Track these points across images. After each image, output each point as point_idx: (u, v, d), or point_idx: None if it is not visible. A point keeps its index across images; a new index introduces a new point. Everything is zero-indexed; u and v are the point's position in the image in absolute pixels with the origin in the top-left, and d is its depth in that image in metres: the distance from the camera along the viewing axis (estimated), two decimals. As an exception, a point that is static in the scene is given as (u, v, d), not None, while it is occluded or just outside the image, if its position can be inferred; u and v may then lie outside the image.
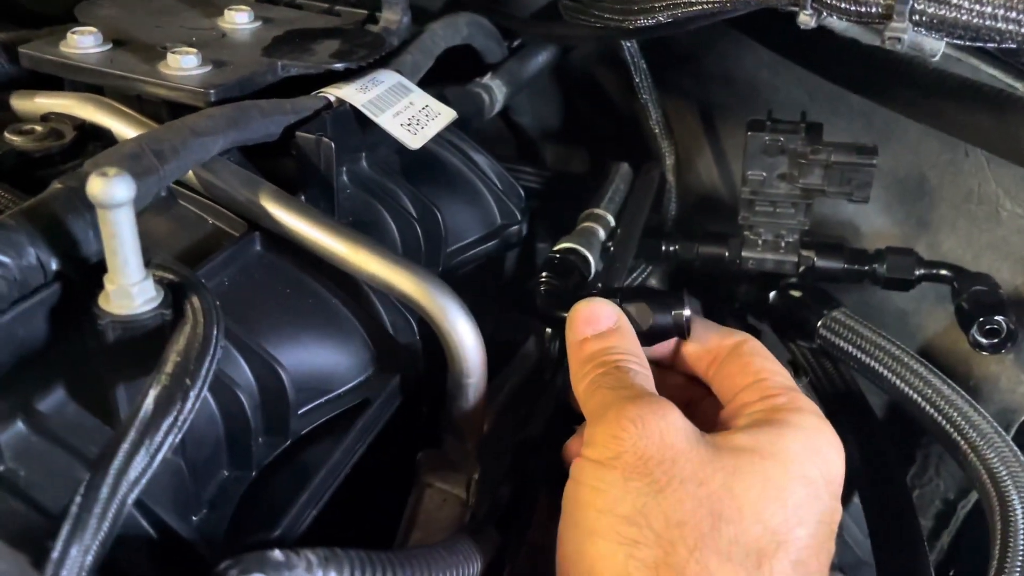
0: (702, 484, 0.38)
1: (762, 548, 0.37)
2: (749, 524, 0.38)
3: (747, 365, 0.45)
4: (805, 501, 0.39)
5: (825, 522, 0.39)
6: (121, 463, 0.30)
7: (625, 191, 0.77)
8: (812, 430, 0.41)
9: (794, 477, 0.39)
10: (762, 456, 0.39)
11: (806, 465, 0.40)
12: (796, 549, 0.38)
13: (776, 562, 0.37)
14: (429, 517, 0.49)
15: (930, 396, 0.60)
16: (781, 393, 0.43)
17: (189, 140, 0.44)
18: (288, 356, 0.46)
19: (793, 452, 0.40)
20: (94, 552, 0.28)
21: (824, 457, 0.40)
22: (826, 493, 0.40)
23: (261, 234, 0.49)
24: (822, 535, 0.39)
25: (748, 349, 0.46)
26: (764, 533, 0.38)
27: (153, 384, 0.33)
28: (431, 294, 0.47)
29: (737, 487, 0.38)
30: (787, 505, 0.38)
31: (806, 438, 0.40)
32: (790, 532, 0.38)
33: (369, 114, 0.55)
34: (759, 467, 0.39)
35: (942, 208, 0.72)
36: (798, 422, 0.41)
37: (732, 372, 0.45)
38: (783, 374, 0.45)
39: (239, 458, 0.44)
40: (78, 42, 0.53)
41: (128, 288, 0.36)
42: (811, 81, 0.73)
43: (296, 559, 0.32)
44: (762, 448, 0.39)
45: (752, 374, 0.44)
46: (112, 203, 0.34)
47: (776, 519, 0.38)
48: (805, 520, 0.38)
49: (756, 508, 0.38)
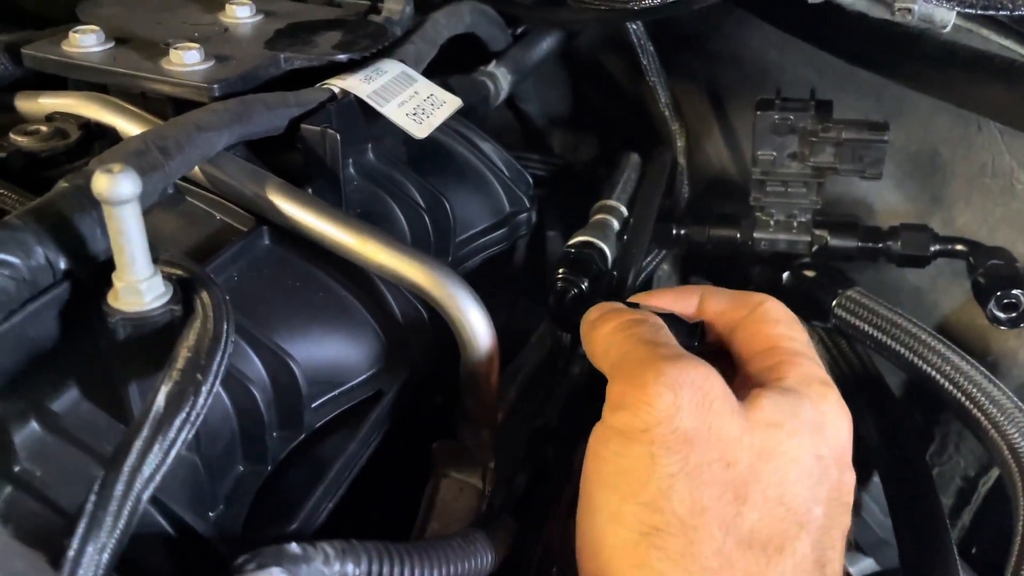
0: (729, 466, 0.36)
1: (784, 531, 0.36)
2: (772, 507, 0.37)
3: (761, 330, 0.43)
4: (818, 480, 0.38)
5: (834, 498, 0.38)
6: (135, 460, 0.30)
7: (636, 180, 0.77)
8: (819, 400, 0.39)
9: (810, 456, 0.38)
10: (787, 433, 0.38)
11: (817, 442, 0.38)
12: (814, 528, 0.37)
13: (798, 543, 0.36)
14: (446, 507, 0.49)
15: (949, 373, 0.59)
16: (793, 358, 0.41)
17: (194, 135, 0.44)
18: (299, 350, 0.45)
19: (807, 427, 0.38)
20: (110, 550, 0.28)
21: (834, 429, 0.39)
22: (835, 468, 0.39)
23: (269, 228, 0.49)
24: (834, 511, 0.38)
25: (763, 313, 0.43)
26: (786, 515, 0.37)
27: (164, 381, 0.33)
28: (441, 283, 0.47)
29: (763, 469, 0.37)
30: (805, 486, 0.37)
31: (815, 411, 0.39)
32: (809, 512, 0.37)
33: (374, 104, 0.55)
34: (784, 447, 0.38)
35: (956, 183, 0.72)
36: (807, 392, 0.39)
37: (747, 337, 0.43)
38: (799, 338, 0.43)
39: (254, 453, 0.43)
40: (80, 41, 0.53)
41: (137, 285, 0.35)
42: (820, 59, 0.72)
43: (313, 552, 0.32)
44: (786, 423, 0.38)
45: (767, 338, 0.42)
46: (118, 199, 0.33)
47: (796, 501, 0.37)
48: (819, 498, 0.38)
49: (779, 491, 0.37)
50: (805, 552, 0.36)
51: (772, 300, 0.44)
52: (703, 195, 0.83)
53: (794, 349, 0.42)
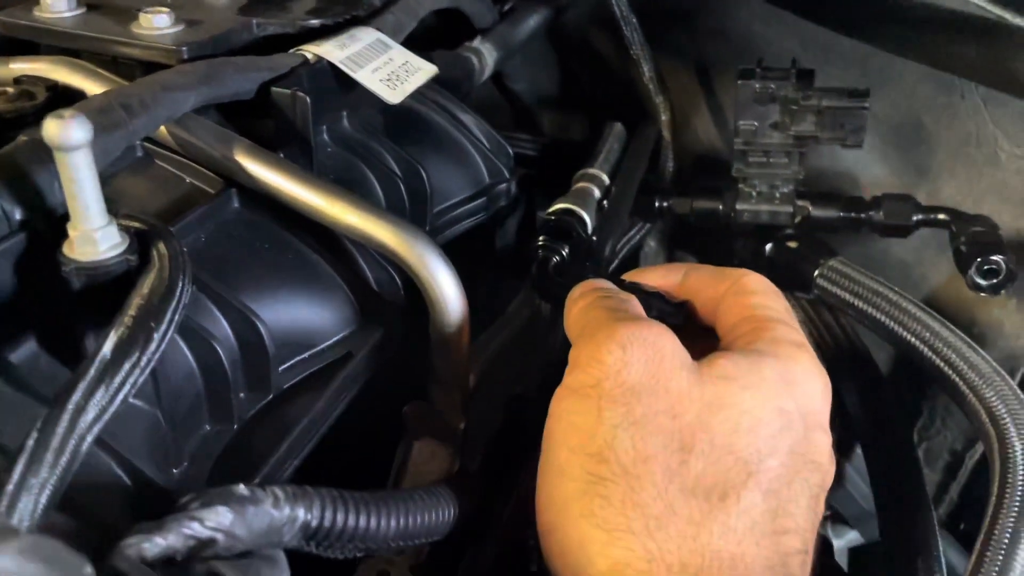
0: (676, 416, 0.37)
1: (731, 479, 0.36)
2: (719, 455, 0.37)
3: (739, 302, 0.43)
4: (778, 432, 0.38)
5: (798, 452, 0.38)
6: (80, 399, 0.30)
7: (620, 150, 0.76)
8: (788, 359, 0.39)
9: (769, 408, 0.38)
10: (741, 387, 0.38)
11: (781, 396, 0.38)
12: (767, 479, 0.37)
13: (745, 491, 0.36)
14: (417, 470, 0.49)
15: (929, 340, 0.59)
16: (766, 324, 0.41)
17: (159, 94, 0.44)
18: (268, 311, 0.45)
19: (770, 382, 0.38)
20: (51, 486, 0.28)
21: (802, 388, 0.39)
22: (801, 424, 0.39)
23: (238, 191, 0.49)
24: (795, 464, 0.38)
25: (741, 286, 0.44)
26: (735, 464, 0.37)
27: (116, 326, 0.33)
28: (409, 243, 0.46)
29: (712, 420, 0.37)
30: (759, 436, 0.37)
31: (783, 368, 0.39)
32: (761, 462, 0.37)
33: (347, 70, 0.54)
34: (737, 399, 0.38)
35: (940, 154, 0.71)
36: (775, 351, 0.39)
37: (726, 309, 0.44)
38: (774, 307, 0.43)
39: (220, 412, 0.43)
40: (52, 6, 0.53)
41: (91, 234, 0.35)
42: (804, 31, 0.72)
43: (263, 494, 0.32)
44: (741, 377, 0.38)
45: (743, 308, 0.43)
46: (68, 145, 0.33)
47: (748, 450, 0.37)
48: (777, 450, 0.37)
49: (728, 440, 0.37)
50: (754, 500, 0.36)
51: (751, 273, 0.45)
52: (689, 169, 0.82)
53: (768, 316, 0.42)
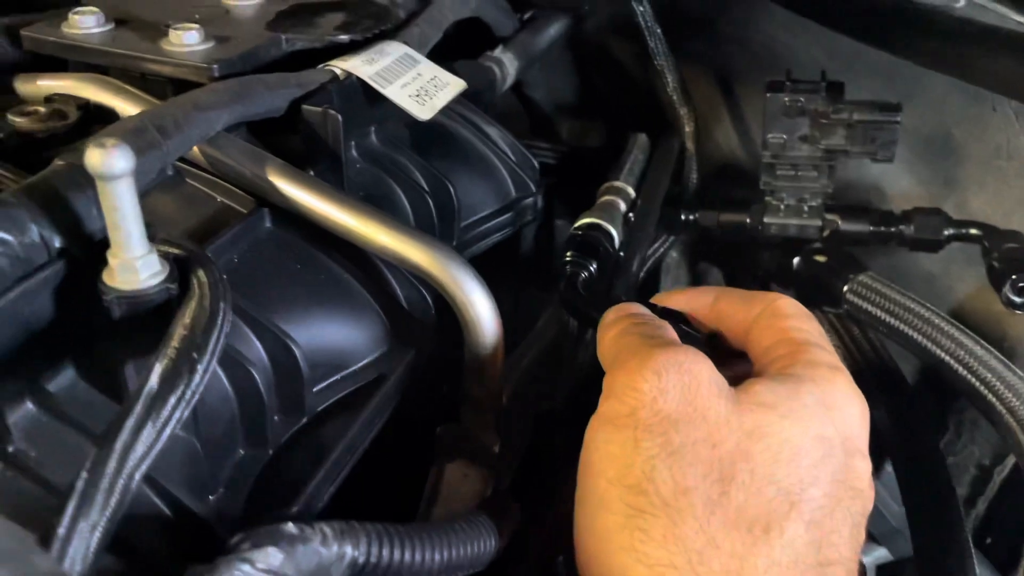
0: (715, 446, 0.36)
1: (773, 510, 0.35)
2: (761, 486, 0.36)
3: (772, 325, 0.43)
4: (819, 460, 0.37)
5: (840, 480, 0.37)
6: (128, 438, 0.29)
7: (644, 162, 0.76)
8: (826, 383, 0.38)
9: (810, 436, 0.37)
10: (781, 415, 0.37)
11: (822, 422, 0.37)
12: (810, 510, 0.36)
13: (788, 523, 0.35)
14: (450, 492, 0.48)
15: (963, 358, 0.58)
16: (802, 347, 0.40)
17: (192, 114, 0.43)
18: (301, 332, 0.45)
19: (809, 408, 0.37)
20: (102, 528, 0.27)
21: (841, 413, 0.38)
22: (841, 450, 0.38)
23: (270, 210, 0.48)
24: (837, 493, 0.37)
25: (774, 310, 0.43)
26: (777, 495, 0.36)
27: (159, 359, 0.33)
28: (445, 265, 0.46)
29: (753, 449, 0.36)
30: (801, 465, 0.36)
31: (822, 393, 0.38)
32: (803, 492, 0.36)
33: (376, 86, 0.54)
34: (777, 427, 0.37)
35: (969, 166, 0.70)
36: (813, 376, 0.39)
37: (760, 335, 0.43)
38: (809, 330, 0.42)
39: (255, 437, 0.43)
40: (80, 23, 0.52)
41: (132, 262, 0.35)
42: (829, 40, 0.71)
43: (311, 532, 0.31)
44: (780, 404, 0.37)
45: (777, 332, 0.42)
46: (111, 174, 0.33)
47: (790, 480, 0.36)
48: (819, 479, 0.37)
49: (770, 470, 0.36)
50: (798, 532, 0.35)
51: (784, 297, 0.44)
52: (712, 180, 0.82)
53: (802, 339, 0.41)
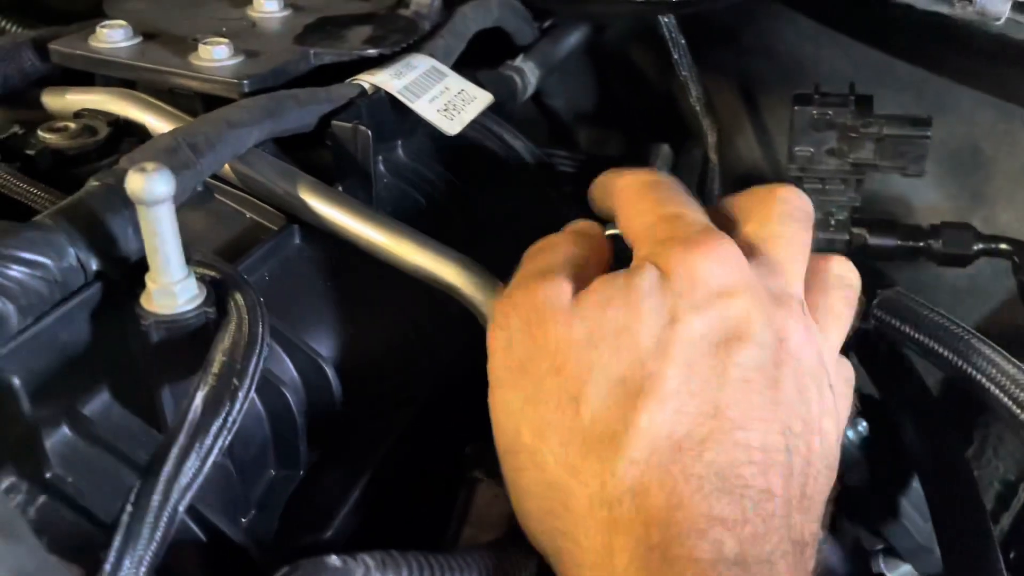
0: (560, 370, 0.35)
1: (622, 409, 0.33)
2: (606, 391, 0.33)
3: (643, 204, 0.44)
4: (661, 333, 0.34)
5: (696, 339, 0.34)
6: (172, 469, 0.29)
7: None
8: (665, 256, 0.36)
9: (646, 316, 0.34)
10: (616, 307, 0.35)
11: (660, 298, 0.34)
12: (661, 388, 0.33)
13: (639, 414, 0.32)
14: (480, 513, 0.48)
15: (992, 375, 0.57)
16: (657, 226, 0.39)
17: (225, 132, 0.43)
18: (332, 351, 0.45)
19: (645, 290, 0.35)
20: (147, 563, 0.27)
21: (679, 279, 0.35)
22: (690, 313, 0.34)
23: (300, 227, 0.48)
24: (698, 349, 0.33)
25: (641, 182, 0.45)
26: (623, 391, 0.33)
27: (200, 386, 0.32)
28: (476, 284, 0.45)
29: (592, 357, 0.34)
30: (641, 347, 0.33)
31: (660, 269, 0.36)
32: (649, 375, 0.33)
33: (405, 100, 0.54)
34: (612, 322, 0.34)
35: (998, 180, 0.70)
36: (657, 253, 0.37)
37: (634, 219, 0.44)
38: (668, 198, 0.42)
39: (287, 457, 0.43)
40: (108, 36, 0.52)
41: (171, 287, 0.35)
42: (857, 52, 0.71)
43: (354, 564, 0.31)
44: (615, 297, 0.35)
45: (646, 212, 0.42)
46: (152, 199, 0.32)
47: (632, 369, 0.33)
48: (667, 351, 0.33)
49: (611, 370, 0.33)
50: (654, 418, 0.32)
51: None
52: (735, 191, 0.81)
53: (659, 216, 0.40)
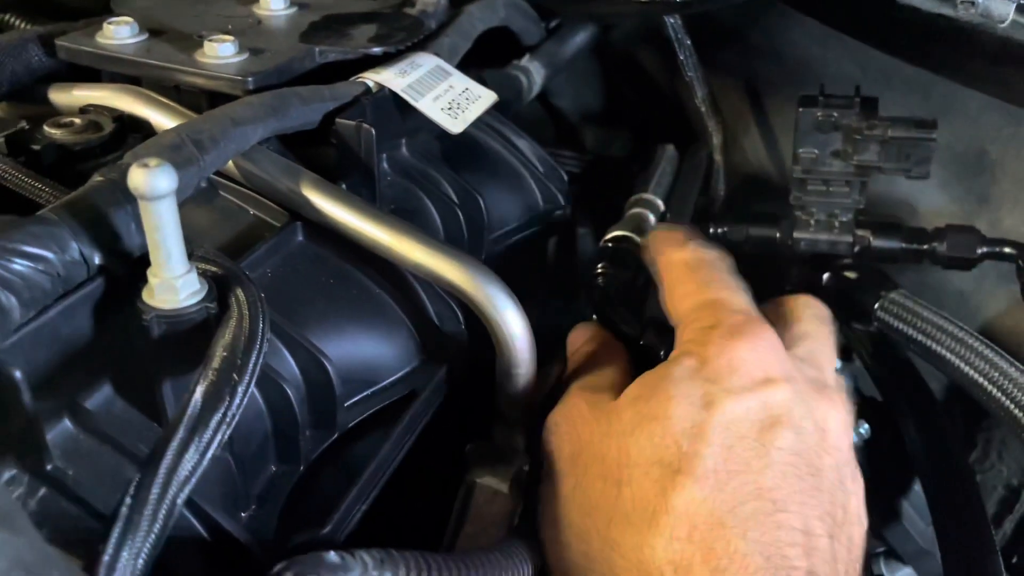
0: (603, 459, 0.39)
1: (660, 488, 0.36)
2: (644, 473, 0.37)
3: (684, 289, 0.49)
4: (696, 416, 0.38)
5: (731, 423, 0.38)
6: (171, 462, 0.29)
7: (672, 174, 0.75)
8: (702, 347, 0.41)
9: (680, 402, 0.38)
10: (648, 399, 0.39)
11: (691, 385, 0.39)
12: (700, 467, 0.37)
13: (676, 493, 0.36)
14: (479, 511, 0.48)
15: (996, 379, 0.57)
16: (699, 314, 0.45)
17: (229, 129, 0.43)
18: (333, 348, 0.45)
19: (679, 380, 0.39)
20: (146, 555, 0.27)
21: (714, 365, 0.40)
22: (724, 397, 0.38)
23: (303, 224, 0.48)
24: (735, 432, 0.37)
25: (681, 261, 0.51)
26: (660, 472, 0.37)
27: (200, 380, 0.32)
28: (478, 283, 0.46)
29: (629, 444, 0.38)
30: (674, 432, 0.37)
31: (697, 358, 0.40)
32: (684, 456, 0.37)
33: (409, 99, 0.54)
34: (647, 413, 0.39)
35: (1004, 183, 0.69)
36: (694, 345, 0.41)
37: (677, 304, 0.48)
38: (713, 280, 0.48)
39: (287, 452, 0.43)
40: (114, 33, 0.52)
41: (172, 282, 0.35)
42: (863, 54, 0.70)
43: (352, 561, 0.31)
44: (648, 391, 0.40)
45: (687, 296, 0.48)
46: (154, 195, 0.33)
47: (668, 451, 0.37)
48: (703, 433, 0.37)
49: (648, 454, 0.37)
50: (692, 495, 0.36)
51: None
52: (740, 193, 0.81)
53: (701, 302, 0.46)
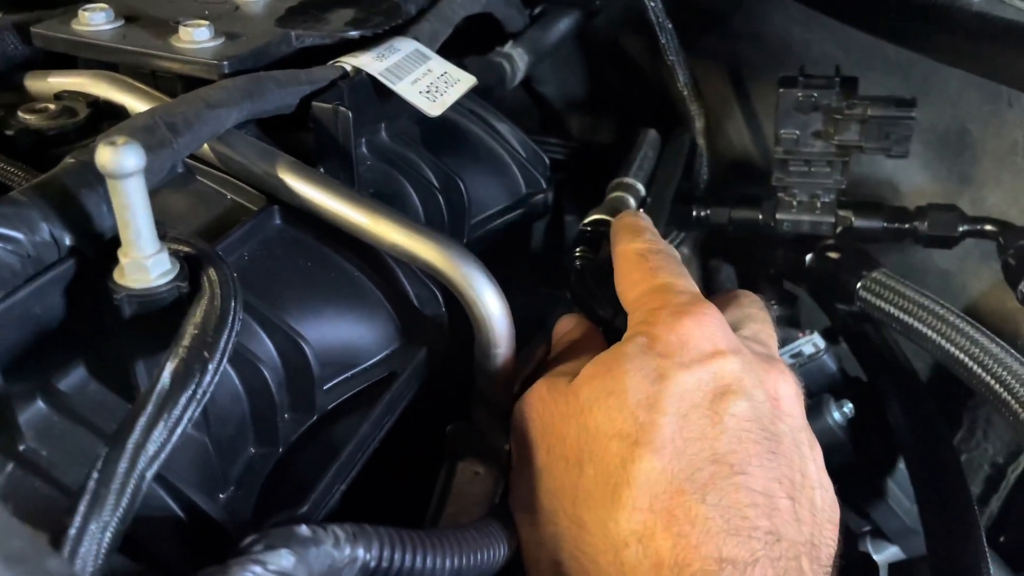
0: (564, 439, 0.39)
1: (622, 458, 0.36)
2: (603, 448, 0.37)
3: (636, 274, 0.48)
4: (650, 388, 0.38)
5: (683, 392, 0.38)
6: (139, 437, 0.29)
7: (654, 158, 0.75)
8: (650, 325, 0.41)
9: (633, 376, 0.38)
10: (602, 377, 0.39)
11: (643, 359, 0.39)
12: (659, 436, 0.36)
13: (637, 463, 0.36)
14: (460, 492, 0.48)
15: (977, 355, 0.57)
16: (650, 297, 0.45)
17: (203, 112, 0.43)
18: (311, 330, 0.45)
19: (631, 356, 0.40)
20: (113, 528, 0.27)
21: (662, 341, 0.40)
22: (677, 369, 0.38)
23: (280, 207, 0.48)
24: (690, 400, 0.37)
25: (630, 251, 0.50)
26: (619, 445, 0.37)
27: (170, 358, 0.32)
28: (454, 263, 0.46)
29: (588, 421, 0.38)
30: (629, 404, 0.37)
31: (646, 336, 0.41)
32: (643, 426, 0.37)
33: (387, 82, 0.54)
34: (601, 390, 0.39)
35: (985, 162, 0.69)
36: (646, 324, 0.42)
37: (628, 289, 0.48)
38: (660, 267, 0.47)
39: (265, 435, 0.43)
40: (90, 19, 0.52)
41: (142, 261, 0.35)
42: (844, 36, 0.70)
43: (324, 534, 0.31)
44: (602, 369, 0.40)
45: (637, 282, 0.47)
46: (122, 173, 0.33)
47: (626, 423, 0.37)
48: (658, 403, 0.37)
49: (607, 427, 0.37)
50: (651, 464, 0.36)
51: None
52: (723, 176, 0.81)
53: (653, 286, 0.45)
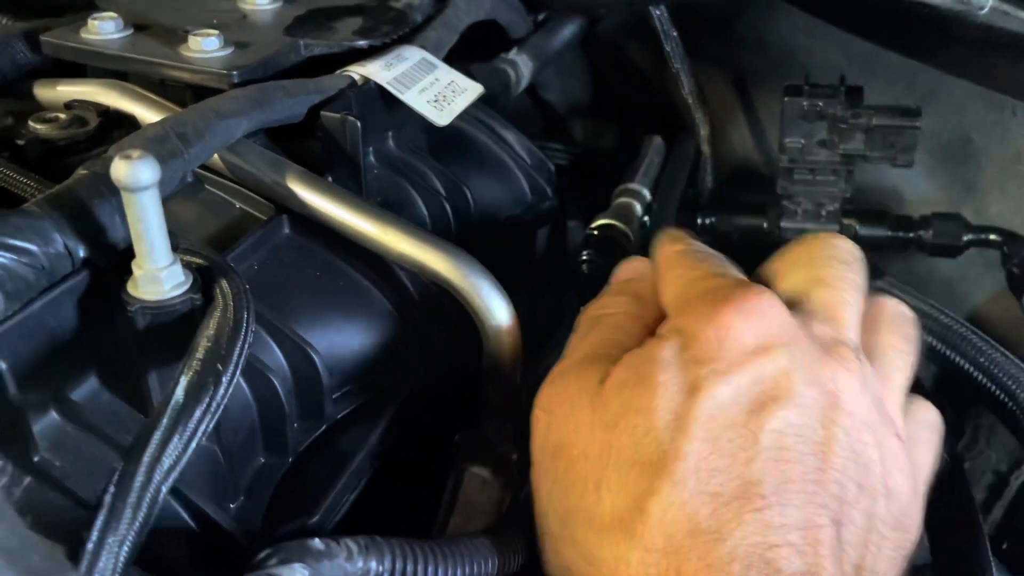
0: (586, 457, 0.36)
1: (642, 491, 0.34)
2: (624, 473, 0.34)
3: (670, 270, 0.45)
4: (680, 402, 0.34)
5: (726, 406, 0.34)
6: (155, 451, 0.29)
7: (659, 165, 0.75)
8: (686, 328, 0.37)
9: (661, 390, 0.35)
10: (632, 387, 0.36)
11: (677, 369, 0.35)
12: (684, 462, 0.33)
13: (654, 500, 0.33)
14: (468, 501, 0.48)
15: (982, 364, 0.58)
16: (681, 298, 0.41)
17: (213, 122, 0.43)
18: (320, 339, 0.45)
19: (661, 365, 0.36)
20: (130, 542, 0.27)
21: (697, 341, 0.36)
22: (711, 377, 0.35)
23: (289, 217, 0.48)
24: (718, 421, 0.34)
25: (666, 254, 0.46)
26: (641, 474, 0.34)
27: (184, 370, 0.33)
28: (462, 271, 0.46)
29: (613, 440, 0.35)
30: (658, 424, 0.34)
31: (678, 341, 0.37)
32: (666, 453, 0.34)
33: (395, 91, 0.54)
34: (630, 403, 0.35)
35: (989, 171, 0.70)
36: (676, 326, 0.38)
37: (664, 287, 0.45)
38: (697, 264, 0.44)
39: (274, 444, 0.43)
40: (99, 28, 0.52)
41: (156, 273, 0.35)
42: (848, 44, 0.71)
43: (336, 548, 0.31)
44: (631, 377, 0.36)
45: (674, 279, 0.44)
46: (137, 186, 0.33)
47: (650, 448, 0.34)
48: (684, 422, 0.34)
49: (630, 452, 0.34)
50: (672, 497, 0.33)
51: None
52: (728, 184, 0.81)
53: (685, 283, 0.42)
